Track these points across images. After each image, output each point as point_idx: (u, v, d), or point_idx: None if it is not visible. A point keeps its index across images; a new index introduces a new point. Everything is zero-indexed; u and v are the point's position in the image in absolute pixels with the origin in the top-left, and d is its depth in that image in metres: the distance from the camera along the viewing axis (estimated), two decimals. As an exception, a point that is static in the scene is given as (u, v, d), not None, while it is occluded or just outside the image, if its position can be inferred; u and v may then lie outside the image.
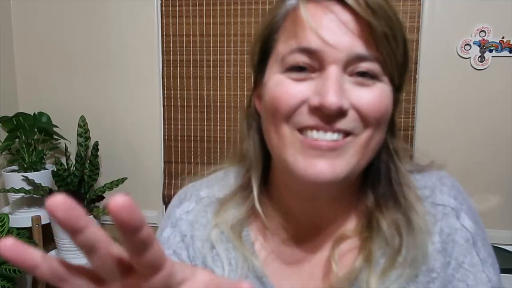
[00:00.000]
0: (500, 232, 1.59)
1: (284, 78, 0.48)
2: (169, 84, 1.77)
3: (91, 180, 1.69)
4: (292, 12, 0.49)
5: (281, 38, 0.49)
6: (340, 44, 0.45)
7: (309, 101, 0.46)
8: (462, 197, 0.56)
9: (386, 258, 0.51)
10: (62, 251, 1.63)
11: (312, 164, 0.46)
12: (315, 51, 0.45)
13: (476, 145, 1.59)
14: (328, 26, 0.45)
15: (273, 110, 0.48)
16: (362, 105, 0.46)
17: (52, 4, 1.78)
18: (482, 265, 0.52)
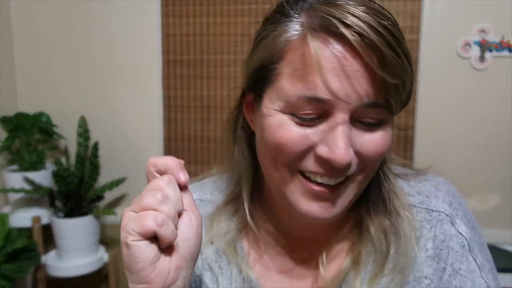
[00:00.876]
0: (500, 232, 1.59)
1: (289, 121, 0.45)
2: (169, 84, 1.77)
3: (91, 180, 1.69)
4: (298, 45, 0.44)
5: (285, 74, 0.45)
6: (351, 96, 0.43)
7: (317, 150, 0.45)
8: (457, 203, 0.55)
9: (375, 263, 0.52)
10: (62, 251, 1.63)
11: (312, 205, 0.47)
12: (325, 101, 0.43)
13: (476, 145, 1.59)
14: (341, 72, 0.42)
15: (275, 152, 0.47)
16: (365, 152, 0.46)
17: (52, 4, 1.77)
18: (480, 270, 0.52)
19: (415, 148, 1.62)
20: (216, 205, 0.61)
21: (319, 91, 0.43)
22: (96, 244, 1.68)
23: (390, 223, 0.52)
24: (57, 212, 1.63)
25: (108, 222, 1.81)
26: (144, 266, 0.41)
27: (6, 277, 1.45)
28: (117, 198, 1.85)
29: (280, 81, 0.46)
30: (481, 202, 1.62)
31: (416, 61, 1.60)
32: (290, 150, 0.45)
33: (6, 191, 1.61)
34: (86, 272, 1.62)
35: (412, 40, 1.59)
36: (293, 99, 0.44)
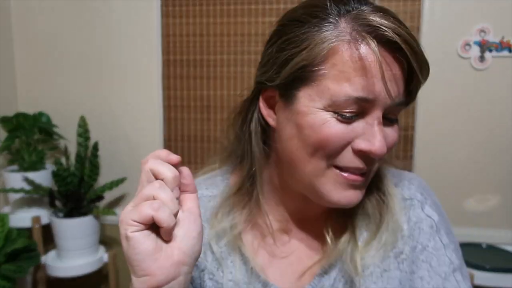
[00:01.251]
0: (500, 232, 1.59)
1: (331, 118, 0.50)
2: (169, 84, 1.77)
3: (91, 180, 1.69)
4: (344, 49, 0.49)
5: (329, 75, 0.49)
6: (390, 95, 0.50)
7: (354, 144, 0.51)
8: (427, 193, 0.63)
9: (369, 231, 0.59)
10: (62, 251, 1.63)
11: (344, 195, 0.53)
12: (369, 101, 0.49)
13: (476, 145, 1.59)
14: (382, 77, 0.48)
15: (317, 147, 0.51)
16: (388, 144, 0.52)
17: (52, 4, 1.78)
18: (445, 249, 0.59)
19: (415, 148, 1.62)
20: (217, 199, 0.63)
21: (366, 92, 0.49)
22: (96, 244, 1.68)
23: (381, 200, 0.60)
24: (57, 212, 1.63)
25: (108, 222, 1.81)
26: (144, 258, 0.43)
27: (6, 277, 1.45)
28: (117, 198, 1.85)
29: (323, 82, 0.50)
30: (481, 202, 1.62)
31: (416, 61, 1.59)
32: (332, 145, 0.51)
33: (6, 191, 1.61)
34: (86, 272, 1.62)
35: (412, 40, 1.59)
36: (341, 98, 0.49)
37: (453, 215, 1.67)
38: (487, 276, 1.39)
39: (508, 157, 1.57)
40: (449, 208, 1.82)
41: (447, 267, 0.58)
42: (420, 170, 1.62)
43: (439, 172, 1.61)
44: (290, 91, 0.53)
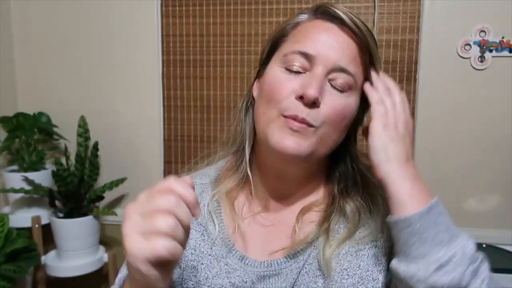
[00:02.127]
0: (500, 232, 1.59)
1: (281, 73, 0.62)
2: (169, 84, 1.77)
3: (91, 180, 1.69)
4: (303, 23, 0.64)
5: (288, 41, 0.64)
6: (330, 56, 0.60)
7: (296, 92, 0.60)
8: None
9: (345, 230, 0.64)
10: (62, 251, 1.63)
11: (284, 138, 0.60)
12: (311, 56, 0.60)
13: (476, 145, 1.59)
14: (325, 41, 0.61)
15: (269, 95, 0.62)
16: (329, 107, 0.60)
17: (52, 4, 1.78)
18: None
19: (415, 148, 1.62)
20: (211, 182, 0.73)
21: (308, 49, 0.60)
22: (96, 244, 1.68)
23: (366, 203, 0.65)
24: (57, 212, 1.63)
25: (108, 222, 1.81)
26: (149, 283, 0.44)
27: (6, 277, 1.45)
28: (117, 198, 1.85)
29: (283, 46, 0.64)
30: (481, 202, 1.62)
31: (416, 61, 1.60)
32: (279, 94, 0.61)
33: (6, 191, 1.61)
34: (86, 272, 1.62)
35: (412, 40, 1.59)
36: (289, 52, 0.62)
37: (453, 215, 1.67)
38: (487, 276, 1.39)
39: (508, 157, 1.57)
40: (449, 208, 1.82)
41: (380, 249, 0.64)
42: (420, 170, 1.61)
43: (439, 172, 1.61)
44: (266, 64, 0.66)
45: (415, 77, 1.60)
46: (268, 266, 0.64)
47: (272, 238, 0.67)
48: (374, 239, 0.63)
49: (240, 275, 0.65)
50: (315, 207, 0.67)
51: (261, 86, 0.66)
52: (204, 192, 0.72)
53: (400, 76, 1.61)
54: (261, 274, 0.64)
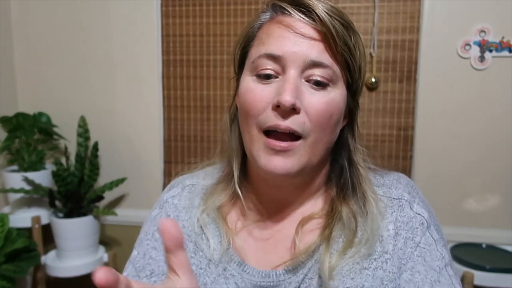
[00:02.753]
0: (500, 232, 1.59)
1: (253, 83, 0.58)
2: (169, 84, 1.77)
3: (91, 180, 1.69)
4: (265, 24, 0.60)
5: (254, 45, 0.60)
6: (299, 52, 0.55)
7: (272, 101, 0.56)
8: (415, 192, 0.65)
9: (345, 239, 0.60)
10: (62, 251, 1.63)
11: (270, 160, 0.56)
12: (277, 57, 0.56)
13: (476, 145, 1.59)
14: (289, 36, 0.56)
15: (245, 112, 0.58)
16: (310, 110, 0.55)
17: (52, 4, 1.78)
18: (436, 244, 0.60)
19: (415, 148, 1.62)
20: (209, 186, 0.69)
21: (274, 49, 0.56)
22: (96, 244, 1.68)
23: (359, 205, 0.61)
24: (57, 212, 1.63)
25: (108, 222, 1.81)
26: None
27: (6, 277, 1.45)
28: (117, 198, 1.85)
29: (251, 51, 0.61)
30: (481, 202, 1.62)
31: (416, 61, 1.60)
32: (254, 108, 0.57)
33: (6, 191, 1.61)
34: (86, 272, 1.62)
35: (412, 40, 1.59)
36: (256, 58, 0.58)
37: (453, 215, 1.68)
38: (487, 276, 1.39)
39: (508, 157, 1.57)
40: (449, 208, 1.83)
41: (440, 261, 0.59)
42: (420, 170, 1.62)
43: (439, 172, 1.61)
44: (240, 73, 0.63)
45: (415, 77, 1.60)
46: (266, 277, 0.62)
47: (270, 252, 0.64)
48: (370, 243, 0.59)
49: (237, 282, 0.63)
50: (315, 214, 0.64)
51: (239, 99, 0.61)
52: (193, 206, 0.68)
53: (400, 76, 1.61)
54: (258, 284, 0.62)
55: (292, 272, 0.61)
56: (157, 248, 0.67)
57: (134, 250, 0.69)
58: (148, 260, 0.66)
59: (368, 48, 1.59)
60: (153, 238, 0.68)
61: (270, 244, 0.65)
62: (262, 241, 0.65)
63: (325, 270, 0.58)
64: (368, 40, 1.60)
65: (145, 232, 0.70)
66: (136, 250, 0.69)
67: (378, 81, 1.61)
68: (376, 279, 0.58)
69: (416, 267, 0.58)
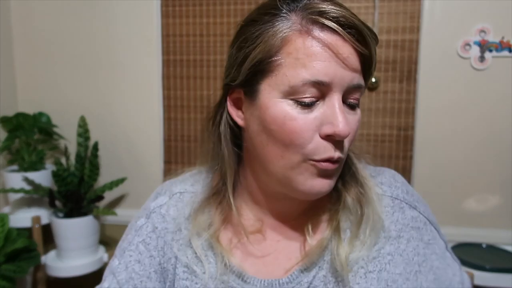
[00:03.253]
0: (500, 232, 1.59)
1: (292, 109, 0.52)
2: (169, 84, 1.77)
3: (91, 180, 1.69)
4: (295, 37, 0.52)
5: (285, 63, 0.52)
6: (345, 77, 0.52)
7: (321, 130, 0.52)
8: (411, 191, 0.65)
9: (352, 226, 0.60)
10: (62, 251, 1.63)
11: (318, 182, 0.54)
12: (326, 83, 0.51)
13: (476, 145, 1.59)
14: (336, 60, 0.51)
15: (286, 141, 0.53)
16: (352, 130, 0.54)
17: (52, 4, 1.78)
18: (438, 233, 0.64)
19: (415, 148, 1.62)
20: (198, 197, 0.65)
21: (322, 76, 0.50)
22: (96, 244, 1.68)
23: (361, 192, 0.61)
24: (57, 212, 1.63)
25: (108, 222, 1.81)
26: None
27: (6, 277, 1.45)
28: (117, 198, 1.85)
29: (281, 70, 0.52)
30: (481, 202, 1.62)
31: (416, 61, 1.60)
32: (299, 137, 0.52)
33: (6, 191, 1.61)
34: (86, 272, 1.62)
35: (412, 40, 1.59)
36: (298, 83, 0.51)
37: (453, 215, 1.68)
38: (487, 276, 1.39)
39: (508, 157, 1.57)
40: (449, 208, 1.83)
41: (443, 247, 0.63)
42: (420, 170, 1.62)
43: (439, 172, 1.61)
44: (252, 87, 0.55)
45: (415, 77, 1.60)
46: (269, 286, 0.59)
47: (271, 264, 0.62)
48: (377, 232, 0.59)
49: None
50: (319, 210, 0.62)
51: (261, 121, 0.54)
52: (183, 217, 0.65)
53: (400, 76, 1.61)
54: None
55: (301, 273, 0.59)
56: (141, 261, 0.64)
57: (114, 258, 0.66)
58: (131, 274, 0.63)
59: (368, 48, 1.59)
60: (137, 250, 0.65)
61: (271, 257, 0.62)
62: (260, 256, 0.63)
63: (342, 261, 0.57)
64: (368, 40, 1.59)
65: (128, 242, 0.66)
66: (117, 259, 0.65)
67: (378, 81, 1.61)
68: (381, 282, 0.58)
69: (434, 264, 0.60)
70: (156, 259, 0.64)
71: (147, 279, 0.63)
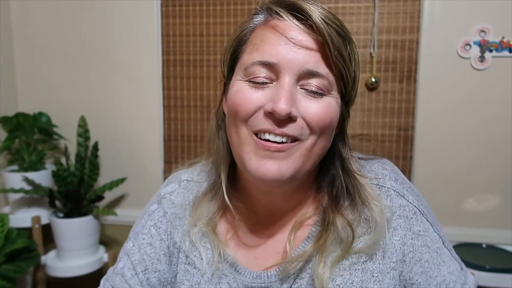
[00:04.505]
0: (500, 232, 1.59)
1: (245, 86, 0.56)
2: (169, 84, 1.77)
3: (91, 180, 1.69)
4: (258, 27, 0.58)
5: (247, 50, 0.58)
6: (295, 60, 0.53)
7: (264, 107, 0.54)
8: (401, 179, 0.64)
9: (341, 248, 0.59)
10: (61, 251, 1.63)
11: (262, 163, 0.54)
12: (272, 64, 0.54)
13: (476, 145, 1.59)
14: (285, 43, 0.54)
15: (234, 113, 0.56)
16: (309, 115, 0.54)
17: (52, 4, 1.78)
18: (432, 226, 0.61)
19: (415, 148, 1.62)
20: (201, 187, 0.69)
21: (269, 56, 0.54)
22: (96, 244, 1.68)
23: (357, 214, 0.60)
24: (57, 212, 1.63)
25: (108, 222, 1.81)
26: None
27: (6, 277, 1.45)
28: (117, 198, 1.85)
29: (243, 56, 0.58)
30: (481, 202, 1.62)
31: (416, 61, 1.60)
32: (244, 109, 0.55)
33: (6, 191, 1.61)
34: (86, 272, 1.62)
35: (412, 40, 1.59)
36: (249, 65, 0.55)
37: (453, 215, 1.68)
38: (487, 276, 1.39)
39: (508, 157, 1.57)
40: (449, 208, 1.83)
41: (439, 242, 0.61)
42: (420, 170, 1.62)
43: (439, 172, 1.61)
44: (230, 76, 0.61)
45: (415, 77, 1.60)
46: (258, 278, 0.62)
47: (261, 256, 0.64)
48: (370, 252, 0.59)
49: (230, 282, 0.64)
50: (306, 220, 0.63)
51: (228, 102, 0.59)
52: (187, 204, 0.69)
53: (400, 76, 1.61)
54: (249, 285, 0.62)
55: (283, 275, 0.61)
56: (152, 244, 0.68)
57: (129, 240, 0.70)
58: (143, 256, 0.67)
59: (368, 48, 1.59)
60: (149, 233, 0.69)
61: (261, 249, 0.65)
62: (252, 248, 0.65)
63: (319, 280, 0.57)
64: (368, 40, 1.60)
65: (141, 226, 0.70)
66: (131, 241, 0.70)
67: (378, 81, 1.61)
68: (366, 272, 0.58)
69: (423, 257, 0.59)
70: (165, 243, 0.68)
71: (157, 261, 0.67)
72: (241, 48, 0.59)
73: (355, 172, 0.62)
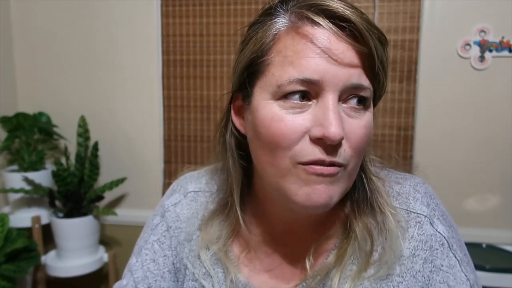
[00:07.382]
0: (500, 232, 1.59)
1: (281, 111, 0.48)
2: (169, 84, 1.77)
3: (91, 180, 1.69)
4: (285, 35, 0.49)
5: (274, 63, 0.49)
6: (340, 75, 0.46)
7: (311, 132, 0.47)
8: (434, 204, 0.58)
9: (359, 261, 0.54)
10: (61, 251, 1.63)
11: (313, 189, 0.48)
12: (315, 81, 0.46)
13: (476, 145, 1.59)
14: (327, 56, 0.46)
15: (272, 144, 0.48)
16: (354, 137, 0.48)
17: (52, 4, 1.78)
18: (460, 265, 0.54)
19: (415, 148, 1.62)
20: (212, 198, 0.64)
21: (310, 73, 0.46)
22: (96, 244, 1.68)
23: (375, 222, 0.55)
24: (57, 212, 1.63)
25: (108, 222, 1.81)
26: None
27: (6, 277, 1.45)
28: (117, 198, 1.85)
29: (271, 70, 0.49)
30: (481, 202, 1.62)
31: (416, 61, 1.60)
32: (287, 139, 0.47)
33: (6, 191, 1.61)
34: (86, 272, 1.62)
35: (412, 40, 1.59)
36: (284, 82, 0.47)
37: (453, 215, 1.67)
38: (487, 276, 1.39)
39: (508, 157, 1.57)
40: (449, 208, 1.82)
41: (465, 285, 0.53)
42: (421, 170, 1.62)
43: (439, 172, 1.61)
44: (247, 90, 0.52)
45: (415, 77, 1.60)
46: None
47: (276, 277, 0.60)
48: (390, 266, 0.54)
49: None
50: (327, 233, 0.58)
51: (253, 125, 0.51)
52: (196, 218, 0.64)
53: (400, 76, 1.61)
54: None
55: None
56: (156, 260, 0.65)
57: (133, 256, 0.67)
58: (146, 273, 0.64)
59: (368, 48, 1.59)
60: (152, 249, 0.65)
61: (277, 270, 0.60)
62: (270, 271, 0.60)
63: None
64: (368, 40, 1.59)
65: (144, 240, 0.67)
66: (135, 257, 0.66)
67: (378, 81, 1.61)
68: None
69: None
70: (170, 259, 0.65)
71: (161, 279, 0.64)
72: (264, 59, 0.50)
73: (373, 174, 0.57)
